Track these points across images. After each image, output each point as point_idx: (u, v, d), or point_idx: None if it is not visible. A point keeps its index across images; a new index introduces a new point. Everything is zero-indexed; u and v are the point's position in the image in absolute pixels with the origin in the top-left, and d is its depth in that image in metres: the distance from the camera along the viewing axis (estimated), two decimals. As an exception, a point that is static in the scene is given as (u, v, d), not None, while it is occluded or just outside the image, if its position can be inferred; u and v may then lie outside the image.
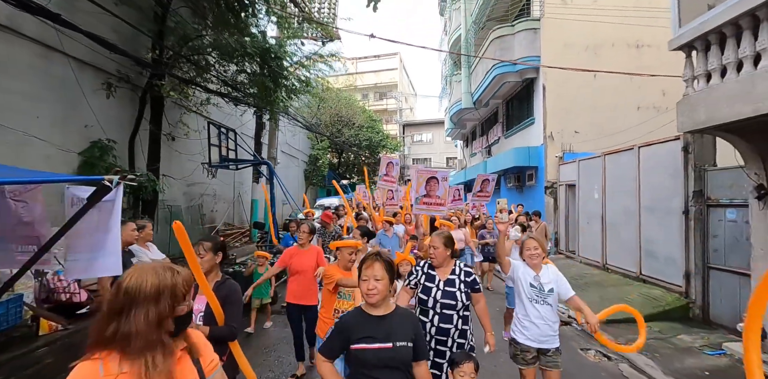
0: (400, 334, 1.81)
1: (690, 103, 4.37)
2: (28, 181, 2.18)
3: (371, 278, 1.82)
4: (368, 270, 1.83)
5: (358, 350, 1.75)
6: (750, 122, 3.82)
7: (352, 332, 1.79)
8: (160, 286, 1.17)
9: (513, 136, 13.07)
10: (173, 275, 1.23)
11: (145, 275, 1.19)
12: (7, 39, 5.49)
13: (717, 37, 4.07)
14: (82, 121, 6.78)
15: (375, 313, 1.85)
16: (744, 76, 3.74)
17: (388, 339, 1.78)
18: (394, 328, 1.82)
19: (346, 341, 1.79)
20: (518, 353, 2.91)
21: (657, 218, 6.55)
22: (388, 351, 1.76)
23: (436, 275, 2.78)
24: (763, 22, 3.55)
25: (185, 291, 1.24)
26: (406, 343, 1.80)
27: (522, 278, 2.95)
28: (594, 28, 10.11)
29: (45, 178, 2.30)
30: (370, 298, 1.82)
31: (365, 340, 1.76)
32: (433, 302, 2.67)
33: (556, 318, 2.90)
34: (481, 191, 6.80)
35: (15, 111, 5.51)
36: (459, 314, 2.67)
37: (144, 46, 7.75)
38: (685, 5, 4.59)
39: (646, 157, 6.81)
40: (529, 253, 2.94)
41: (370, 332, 1.79)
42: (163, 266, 1.25)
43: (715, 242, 5.55)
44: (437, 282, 2.74)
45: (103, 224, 2.28)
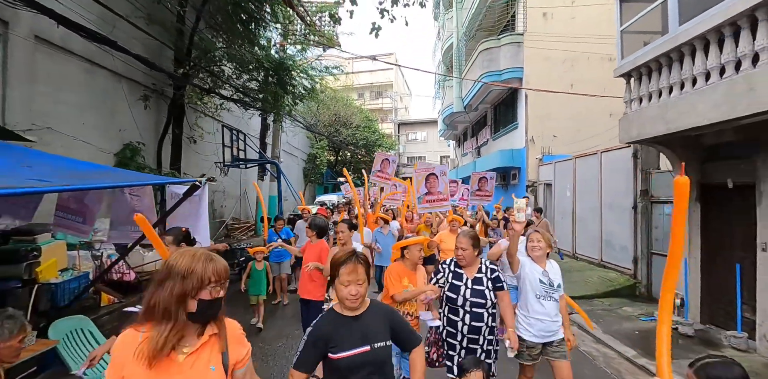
0: (377, 334, 1.74)
1: (627, 120, 5.51)
2: (144, 183, 3.20)
3: (353, 282, 1.72)
4: (351, 274, 1.72)
5: (336, 359, 1.66)
6: (669, 137, 4.95)
7: (329, 340, 1.69)
8: (191, 268, 1.28)
9: (499, 138, 14.21)
10: (206, 261, 1.32)
11: (183, 257, 1.31)
12: (61, 58, 6.48)
13: (647, 69, 5.20)
14: (117, 126, 7.80)
15: (349, 313, 1.77)
16: (662, 102, 4.87)
17: (366, 341, 1.70)
18: (371, 328, 1.74)
19: (322, 351, 1.69)
20: (524, 349, 2.91)
21: (615, 213, 7.71)
22: (366, 355, 1.69)
23: (463, 273, 2.77)
24: (675, 61, 4.67)
25: (214, 279, 1.30)
26: (385, 343, 1.74)
27: (530, 275, 2.94)
28: (571, 43, 11.23)
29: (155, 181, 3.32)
30: (352, 303, 1.73)
31: (342, 347, 1.67)
32: (463, 300, 2.66)
33: (558, 311, 2.93)
34: (480, 190, 6.60)
35: (67, 119, 6.50)
36: (488, 312, 2.68)
37: (168, 58, 8.75)
38: (627, 41, 5.71)
39: (607, 161, 7.97)
40: (532, 245, 2.96)
41: (346, 336, 1.70)
42: (204, 253, 1.35)
43: (657, 232, 6.72)
44: (465, 280, 2.73)
45: (194, 211, 3.34)
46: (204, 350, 1.33)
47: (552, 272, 2.95)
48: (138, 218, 2.09)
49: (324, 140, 22.94)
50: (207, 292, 1.29)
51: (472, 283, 2.71)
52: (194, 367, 1.29)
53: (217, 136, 11.26)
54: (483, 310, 2.66)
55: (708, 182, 5.35)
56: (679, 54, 4.56)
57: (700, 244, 5.46)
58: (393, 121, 36.68)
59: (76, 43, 6.34)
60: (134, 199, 3.47)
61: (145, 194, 3.48)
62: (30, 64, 5.88)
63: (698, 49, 4.30)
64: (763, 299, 4.50)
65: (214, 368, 1.32)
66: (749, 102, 3.64)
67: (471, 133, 18.45)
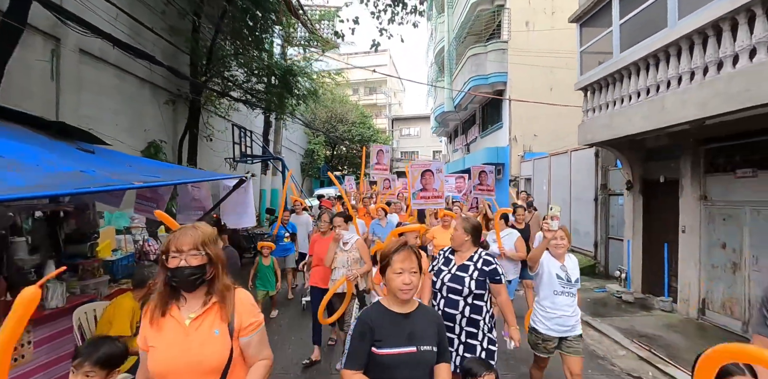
0: (424, 336, 1.67)
1: (584, 126, 6.66)
2: (204, 179, 4.25)
3: (407, 270, 1.65)
4: (405, 262, 1.65)
5: (379, 355, 1.61)
6: (615, 141, 6.10)
7: (374, 332, 1.64)
8: (166, 240, 1.45)
9: (487, 136, 15.34)
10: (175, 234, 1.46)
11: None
12: (99, 67, 7.43)
13: (599, 85, 6.33)
14: (143, 127, 8.77)
15: (398, 310, 1.70)
16: (609, 113, 6.01)
17: (412, 342, 1.63)
18: (419, 330, 1.67)
19: (370, 342, 1.63)
20: (540, 342, 2.92)
21: (581, 204, 8.90)
22: (412, 355, 1.62)
23: (453, 259, 2.73)
24: (617, 81, 5.81)
25: (174, 249, 1.40)
26: (431, 347, 1.66)
27: (547, 269, 2.91)
28: (551, 50, 12.32)
29: (214, 177, 4.37)
30: (405, 294, 1.65)
31: (387, 342, 1.62)
32: (440, 284, 2.62)
33: (576, 307, 2.92)
34: (481, 184, 6.48)
35: (105, 122, 7.46)
36: (466, 301, 2.55)
37: (184, 63, 9.71)
38: (585, 60, 6.85)
39: (575, 159, 9.14)
40: (555, 242, 2.90)
41: (392, 332, 1.64)
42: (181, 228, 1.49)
43: (612, 220, 7.92)
44: (451, 266, 2.69)
45: (241, 199, 4.40)
46: (207, 316, 1.45)
47: (570, 267, 2.91)
48: (158, 213, 2.49)
49: (321, 136, 23.91)
50: (171, 260, 1.39)
51: (456, 269, 2.64)
52: (198, 330, 1.42)
53: (227, 134, 12.24)
54: (459, 297, 2.54)
55: (648, 178, 6.53)
56: (621, 75, 5.70)
57: (642, 228, 6.66)
58: (387, 116, 37.59)
59: (111, 53, 7.29)
60: (194, 190, 4.51)
61: (202, 186, 4.52)
62: (76, 74, 6.81)
63: (633, 73, 5.44)
64: (683, 270, 5.71)
65: (218, 331, 1.43)
66: (663, 117, 4.79)
67: (461, 131, 19.58)
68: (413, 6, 7.50)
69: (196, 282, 1.42)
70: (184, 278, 1.40)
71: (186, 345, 1.40)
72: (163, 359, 1.39)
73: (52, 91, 6.47)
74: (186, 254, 1.40)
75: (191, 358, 1.38)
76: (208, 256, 1.44)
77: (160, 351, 1.40)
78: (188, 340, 1.40)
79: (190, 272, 1.39)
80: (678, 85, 4.67)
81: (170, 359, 1.38)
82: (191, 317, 1.43)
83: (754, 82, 3.67)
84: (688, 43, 4.51)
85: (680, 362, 4.13)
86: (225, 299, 1.47)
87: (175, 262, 1.40)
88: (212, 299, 1.46)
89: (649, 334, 5.03)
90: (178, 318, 1.43)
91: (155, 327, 1.43)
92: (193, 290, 1.45)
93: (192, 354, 1.38)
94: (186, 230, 1.46)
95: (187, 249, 1.40)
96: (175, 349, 1.39)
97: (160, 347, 1.40)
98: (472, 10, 13.65)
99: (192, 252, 1.40)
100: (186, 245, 1.40)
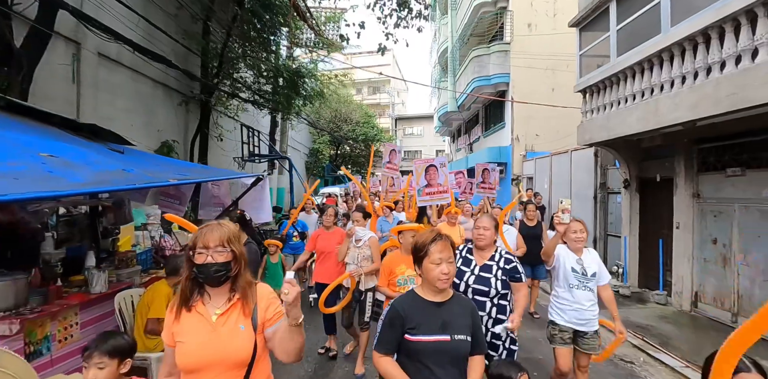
0: (459, 326, 1.66)
1: (583, 127, 6.92)
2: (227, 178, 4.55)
3: (445, 260, 1.66)
4: (444, 252, 1.67)
5: (412, 341, 1.62)
6: (612, 141, 6.36)
7: (406, 320, 1.65)
8: (192, 236, 1.50)
9: (489, 136, 15.60)
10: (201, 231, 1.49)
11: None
12: (114, 69, 7.73)
13: (597, 88, 6.58)
14: (156, 127, 9.08)
15: (432, 299, 1.71)
16: (606, 114, 6.27)
17: (445, 331, 1.64)
18: (453, 318, 1.67)
19: (400, 330, 1.65)
20: (556, 333, 2.91)
21: (581, 202, 9.14)
22: (445, 344, 1.62)
23: (473, 259, 2.66)
24: (614, 84, 6.07)
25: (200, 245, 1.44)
26: (465, 337, 1.66)
27: (564, 262, 2.89)
28: (552, 52, 12.56)
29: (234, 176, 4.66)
30: (444, 283, 1.66)
31: (421, 330, 1.63)
32: (465, 286, 2.56)
33: (595, 303, 2.87)
34: (484, 182, 6.42)
35: (121, 122, 7.75)
36: (493, 302, 2.53)
37: (195, 65, 10.02)
38: (584, 63, 7.10)
39: (575, 159, 9.39)
40: (575, 236, 2.88)
41: (425, 320, 1.65)
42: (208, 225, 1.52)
43: (611, 217, 8.18)
44: (473, 267, 2.62)
45: (258, 195, 4.69)
46: (233, 312, 1.49)
47: (587, 261, 2.88)
48: (168, 216, 2.78)
49: (326, 136, 24.21)
50: (197, 257, 1.43)
51: (480, 270, 2.60)
52: (225, 325, 1.47)
53: (235, 133, 12.56)
54: (486, 299, 2.52)
55: (644, 177, 6.78)
56: (617, 78, 5.96)
57: (639, 225, 6.92)
58: (390, 116, 37.83)
59: (126, 56, 7.59)
60: (214, 187, 4.81)
61: (222, 184, 4.81)
62: (95, 76, 7.11)
63: (629, 76, 5.70)
64: (677, 265, 5.97)
65: (243, 327, 1.47)
66: (657, 119, 5.06)
67: (464, 130, 19.83)
68: (418, 10, 7.76)
69: (221, 278, 1.46)
70: (211, 274, 1.43)
71: (214, 340, 1.44)
72: (192, 354, 1.43)
73: (73, 93, 6.78)
74: (212, 251, 1.43)
75: (220, 353, 1.43)
76: (233, 253, 1.48)
77: (189, 346, 1.44)
78: (216, 335, 1.44)
79: (216, 268, 1.43)
80: (670, 88, 4.93)
81: (200, 354, 1.42)
82: (217, 313, 1.47)
83: (740, 86, 3.93)
84: (679, 49, 4.77)
85: (670, 350, 4.42)
86: (247, 295, 1.51)
87: (201, 258, 1.43)
88: (236, 296, 1.50)
89: (643, 324, 5.30)
90: (204, 314, 1.47)
91: (181, 323, 1.47)
92: (218, 285, 1.49)
93: (221, 349, 1.43)
94: (212, 227, 1.49)
95: (213, 246, 1.44)
96: (204, 344, 1.43)
97: (189, 343, 1.44)
98: (475, 12, 13.91)
99: (218, 249, 1.44)
100: (213, 241, 1.44)
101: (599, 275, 2.87)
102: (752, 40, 3.88)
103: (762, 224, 4.76)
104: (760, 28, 3.82)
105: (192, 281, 1.48)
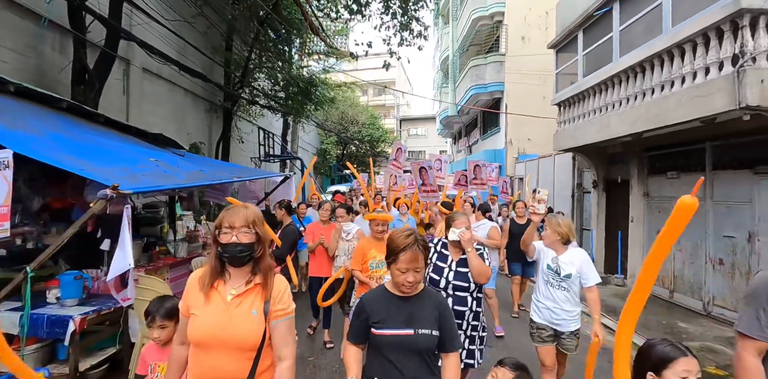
0: (423, 320, 1.66)
1: (558, 136, 8.08)
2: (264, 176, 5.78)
3: (412, 270, 1.66)
4: (411, 263, 1.65)
5: (377, 335, 1.65)
6: (580, 148, 7.51)
7: (371, 314, 1.69)
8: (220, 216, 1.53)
9: (487, 139, 16.75)
10: (227, 211, 1.52)
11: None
12: (155, 81, 8.96)
13: (568, 102, 7.73)
14: (186, 131, 10.33)
15: (399, 293, 1.73)
16: (574, 125, 7.42)
17: (410, 325, 1.65)
18: (418, 313, 1.68)
19: (365, 323, 1.69)
20: (534, 331, 2.92)
21: (562, 200, 10.29)
22: (407, 338, 1.63)
23: (448, 254, 2.68)
24: (581, 100, 7.22)
25: (226, 225, 1.47)
26: (430, 331, 1.65)
27: (541, 259, 2.91)
28: (544, 62, 13.65)
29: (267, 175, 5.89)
30: (407, 289, 1.68)
31: (385, 324, 1.66)
32: (446, 283, 2.58)
33: (572, 303, 2.82)
34: (476, 178, 6.53)
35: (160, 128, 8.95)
36: (473, 296, 2.57)
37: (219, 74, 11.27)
38: (561, 80, 8.25)
39: (558, 162, 10.53)
40: (543, 233, 2.95)
41: (390, 314, 1.67)
42: (234, 206, 1.57)
43: (586, 213, 9.32)
44: (449, 262, 2.64)
45: (286, 192, 5.91)
46: (249, 296, 1.51)
47: (565, 260, 2.80)
48: (229, 199, 3.88)
49: (333, 136, 25.45)
50: (222, 236, 1.47)
51: (457, 265, 2.62)
52: (239, 307, 1.49)
53: (252, 136, 13.83)
54: (466, 293, 2.55)
55: (609, 178, 7.93)
56: (582, 96, 7.12)
57: (605, 219, 8.06)
58: (395, 117, 38.93)
59: (165, 70, 8.83)
60: (250, 184, 6.04)
61: (257, 181, 6.04)
62: (140, 89, 8.36)
63: (590, 95, 6.86)
64: (632, 253, 7.13)
65: (255, 312, 1.49)
66: (609, 132, 6.22)
67: (464, 133, 20.97)
68: (419, 31, 8.93)
69: (244, 259, 1.48)
70: (235, 254, 1.46)
71: (226, 320, 1.46)
72: (203, 328, 1.46)
73: (123, 103, 8.03)
74: (237, 231, 1.46)
75: (229, 333, 1.44)
76: (257, 235, 1.50)
77: (201, 321, 1.47)
78: (228, 315, 1.46)
79: (241, 248, 1.46)
80: (619, 107, 6.09)
81: (209, 331, 1.45)
82: (233, 294, 1.49)
83: (662, 109, 5.08)
84: (625, 75, 5.93)
85: (615, 318, 5.56)
86: (268, 279, 1.54)
87: (227, 237, 1.46)
88: (255, 280, 1.53)
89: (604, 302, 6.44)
90: (222, 292, 1.50)
91: (201, 296, 1.50)
92: (240, 266, 1.51)
93: (230, 330, 1.45)
94: (238, 208, 1.52)
95: (239, 226, 1.46)
96: (215, 322, 1.45)
97: (202, 317, 1.47)
98: (474, 24, 15.05)
99: (243, 229, 1.47)
100: (238, 222, 1.47)
101: (584, 277, 2.77)
102: (670, 73, 5.03)
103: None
104: (676, 65, 4.97)
105: (218, 260, 1.52)
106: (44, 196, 3.87)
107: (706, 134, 5.33)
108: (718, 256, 5.43)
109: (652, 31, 5.41)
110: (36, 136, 2.95)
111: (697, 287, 5.78)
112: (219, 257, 1.50)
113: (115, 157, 3.38)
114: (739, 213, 5.10)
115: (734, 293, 5.20)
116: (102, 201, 2.32)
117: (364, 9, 9.04)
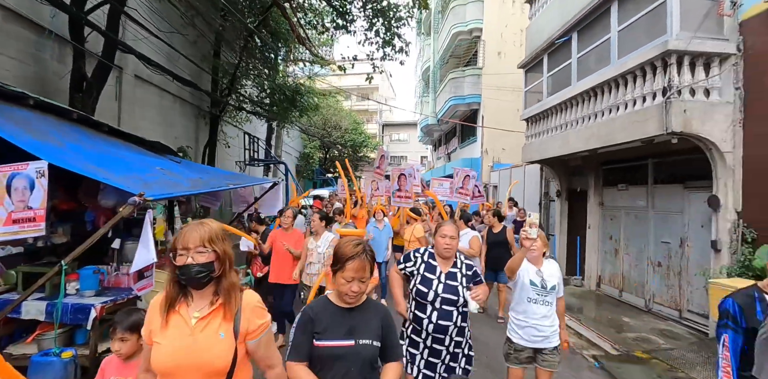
0: (365, 331, 1.68)
1: (525, 148, 8.81)
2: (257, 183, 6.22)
3: (357, 279, 1.66)
4: (358, 272, 1.66)
5: (319, 347, 1.63)
6: (544, 160, 8.24)
7: (315, 324, 1.67)
8: (174, 237, 1.45)
9: (464, 148, 17.53)
10: (181, 232, 1.44)
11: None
12: (145, 88, 9.29)
13: (534, 119, 8.48)
14: (173, 135, 10.64)
15: (342, 305, 1.73)
16: (539, 140, 8.16)
17: (351, 336, 1.65)
18: (360, 324, 1.69)
19: (310, 335, 1.65)
20: (512, 352, 2.81)
21: (530, 208, 11.03)
22: (348, 349, 1.64)
23: (437, 266, 2.59)
24: (545, 118, 7.96)
25: (180, 247, 1.40)
26: (371, 341, 1.67)
27: (523, 276, 2.76)
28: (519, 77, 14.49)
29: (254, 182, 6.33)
30: (351, 299, 1.70)
31: (326, 335, 1.65)
32: (434, 295, 2.49)
33: (553, 317, 2.76)
34: (462, 188, 6.57)
35: (149, 132, 9.28)
36: (459, 310, 2.49)
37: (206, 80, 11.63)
38: (529, 97, 9.00)
39: (528, 172, 11.31)
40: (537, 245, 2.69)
41: (332, 325, 1.67)
42: (190, 224, 1.48)
43: (551, 220, 10.09)
44: (438, 274, 2.56)
45: (274, 197, 6.38)
46: (214, 318, 1.44)
47: (547, 273, 2.78)
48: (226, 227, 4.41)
49: (316, 141, 25.86)
50: (178, 258, 1.40)
51: (446, 277, 2.54)
52: (204, 332, 1.41)
53: (237, 140, 14.17)
54: (453, 308, 2.47)
55: (571, 188, 8.70)
56: (546, 114, 7.86)
57: (567, 226, 8.82)
58: (378, 122, 39.59)
59: (155, 77, 9.16)
60: (239, 190, 6.49)
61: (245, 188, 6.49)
62: (131, 94, 8.68)
63: (553, 113, 7.60)
64: (588, 256, 7.87)
65: (223, 334, 1.42)
66: (568, 147, 6.95)
67: (444, 140, 21.75)
68: (400, 47, 9.54)
69: (203, 280, 1.42)
70: (192, 276, 1.39)
71: (191, 346, 1.40)
72: (167, 357, 1.39)
73: (115, 109, 8.34)
74: (193, 251, 1.40)
75: (196, 359, 1.38)
76: (216, 253, 1.44)
77: (165, 349, 1.40)
78: (193, 340, 1.40)
79: (197, 269, 1.39)
80: (577, 125, 6.82)
81: (174, 359, 1.39)
82: (196, 317, 1.43)
83: (610, 129, 5.81)
84: (581, 98, 6.67)
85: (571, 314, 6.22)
86: (230, 297, 1.47)
87: (182, 260, 1.39)
88: (219, 300, 1.46)
89: (556, 298, 7.12)
90: (185, 316, 1.44)
91: (161, 323, 1.43)
92: (201, 288, 1.45)
93: (197, 356, 1.39)
94: (193, 227, 1.46)
95: (193, 246, 1.40)
96: (180, 349, 1.39)
97: (165, 345, 1.41)
98: (454, 38, 15.84)
99: (199, 249, 1.41)
100: (192, 242, 1.41)
101: (558, 288, 2.78)
102: (616, 99, 5.78)
103: (636, 224, 6.68)
104: (620, 92, 5.72)
105: (176, 284, 1.45)
106: (50, 198, 4.26)
107: (648, 152, 6.10)
108: (657, 259, 6.19)
109: (603, 61, 6.17)
110: (60, 148, 3.37)
111: (641, 287, 6.53)
112: (177, 280, 1.44)
113: (127, 166, 3.81)
114: (674, 222, 5.87)
115: (669, 291, 5.95)
116: (130, 206, 2.78)
117: (349, 25, 9.60)
